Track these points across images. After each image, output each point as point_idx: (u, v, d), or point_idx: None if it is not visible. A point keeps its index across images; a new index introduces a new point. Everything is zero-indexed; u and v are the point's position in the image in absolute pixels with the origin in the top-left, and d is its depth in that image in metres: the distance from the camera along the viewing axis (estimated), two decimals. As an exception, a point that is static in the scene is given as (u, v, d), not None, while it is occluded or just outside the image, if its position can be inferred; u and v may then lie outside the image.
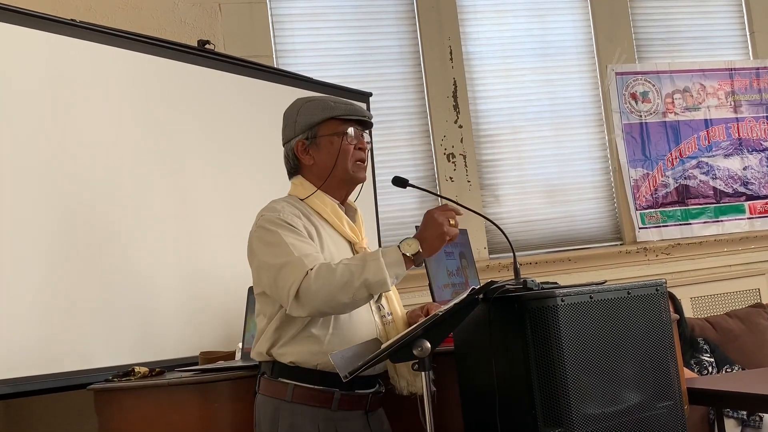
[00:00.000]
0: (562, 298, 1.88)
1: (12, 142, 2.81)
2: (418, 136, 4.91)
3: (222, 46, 4.37)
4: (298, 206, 2.19)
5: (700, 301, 5.07)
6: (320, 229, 2.17)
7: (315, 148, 2.22)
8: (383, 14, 4.97)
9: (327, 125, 2.22)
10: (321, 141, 2.21)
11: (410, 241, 2.02)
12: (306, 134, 2.22)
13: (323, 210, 2.20)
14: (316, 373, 2.09)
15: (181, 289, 3.29)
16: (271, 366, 2.14)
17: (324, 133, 2.21)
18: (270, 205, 2.18)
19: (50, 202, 2.90)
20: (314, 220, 2.18)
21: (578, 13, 5.29)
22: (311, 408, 2.08)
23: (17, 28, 2.87)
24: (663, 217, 5.17)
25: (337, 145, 2.20)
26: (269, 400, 2.13)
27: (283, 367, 2.11)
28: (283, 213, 2.12)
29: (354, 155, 2.23)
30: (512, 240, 2.35)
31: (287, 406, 2.09)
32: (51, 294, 2.84)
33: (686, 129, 5.31)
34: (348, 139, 2.22)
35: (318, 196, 2.21)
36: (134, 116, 3.25)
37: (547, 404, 1.85)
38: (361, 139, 2.25)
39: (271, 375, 2.13)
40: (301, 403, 2.08)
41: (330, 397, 2.09)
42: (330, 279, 1.97)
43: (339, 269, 1.98)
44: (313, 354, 2.08)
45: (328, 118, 2.22)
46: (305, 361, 2.09)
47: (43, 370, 2.78)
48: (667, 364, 2.05)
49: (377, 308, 2.22)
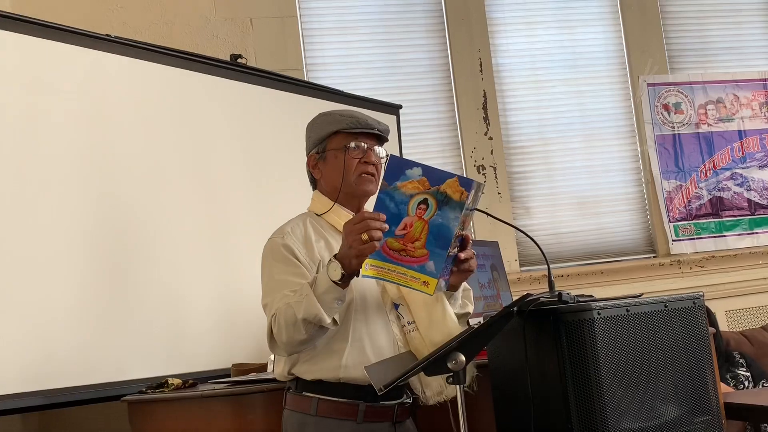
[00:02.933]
0: (598, 311, 1.86)
1: (50, 156, 2.85)
2: (449, 148, 4.91)
3: (254, 60, 4.41)
4: (311, 223, 2.19)
5: (735, 315, 5.00)
6: (333, 242, 2.17)
7: (323, 162, 2.22)
8: (413, 27, 4.98)
9: (335, 139, 2.20)
10: (328, 155, 2.20)
11: (333, 264, 1.94)
12: (317, 148, 2.23)
13: (337, 223, 2.19)
14: (339, 386, 2.09)
15: (214, 302, 3.31)
16: (295, 381, 2.14)
17: (331, 147, 2.20)
18: (280, 228, 2.19)
19: (86, 216, 2.93)
20: (329, 235, 2.18)
21: (609, 24, 5.27)
22: (336, 421, 2.08)
23: (55, 43, 2.92)
24: (697, 230, 5.11)
25: (341, 159, 2.19)
26: (295, 415, 2.12)
27: (307, 382, 2.11)
28: (286, 237, 2.13)
29: (358, 168, 2.20)
30: (545, 253, 2.33)
31: (312, 420, 2.08)
32: (86, 306, 2.87)
33: (720, 140, 5.25)
34: (351, 152, 2.19)
35: (334, 211, 2.21)
36: (168, 130, 3.29)
37: (584, 418, 1.83)
38: (367, 152, 2.23)
39: (295, 390, 2.14)
40: (326, 416, 2.08)
41: (355, 410, 2.08)
42: (283, 322, 1.99)
43: (287, 310, 1.99)
44: (335, 368, 2.08)
45: (335, 132, 2.20)
46: (328, 376, 2.09)
47: (77, 382, 2.80)
48: (705, 378, 2.02)
49: (396, 317, 2.20)
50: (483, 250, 3.07)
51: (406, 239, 1.95)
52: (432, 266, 1.95)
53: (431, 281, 1.96)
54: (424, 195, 1.94)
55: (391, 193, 1.94)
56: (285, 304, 2.00)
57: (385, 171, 1.96)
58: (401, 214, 1.94)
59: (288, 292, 2.04)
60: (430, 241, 1.94)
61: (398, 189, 1.94)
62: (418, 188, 1.94)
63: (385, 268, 1.97)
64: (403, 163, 1.96)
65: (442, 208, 1.93)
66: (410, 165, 1.94)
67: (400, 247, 1.96)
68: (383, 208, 1.93)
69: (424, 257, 1.95)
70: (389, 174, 1.94)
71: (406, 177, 1.94)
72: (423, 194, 1.94)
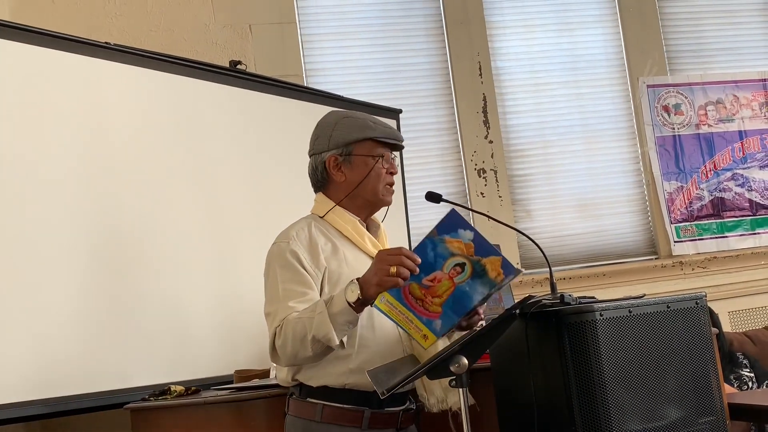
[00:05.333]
0: (600, 312, 1.86)
1: (49, 163, 2.85)
2: (449, 151, 4.91)
3: (253, 66, 4.41)
4: (316, 227, 2.18)
5: (738, 315, 4.99)
6: (340, 247, 2.16)
7: (348, 165, 2.20)
8: (412, 31, 4.98)
9: (363, 145, 2.20)
10: (355, 160, 2.20)
11: (353, 286, 1.94)
12: (341, 150, 2.20)
13: (344, 228, 2.19)
14: (345, 392, 2.08)
15: (215, 308, 3.31)
16: (299, 387, 2.13)
17: (360, 152, 2.19)
18: (285, 231, 2.18)
19: (86, 223, 2.93)
20: (334, 238, 2.17)
21: (608, 26, 5.27)
22: (341, 427, 2.07)
23: (54, 51, 2.92)
24: (698, 231, 5.11)
25: (371, 167, 2.19)
26: (299, 421, 2.11)
27: (312, 388, 2.10)
28: (292, 242, 2.11)
29: (385, 179, 2.22)
30: (546, 255, 2.33)
31: (317, 426, 2.07)
32: (88, 314, 2.87)
33: (720, 141, 5.25)
34: (382, 162, 2.22)
35: (338, 213, 2.20)
36: (168, 137, 3.29)
37: (588, 420, 1.83)
38: (392, 163, 2.25)
39: (299, 396, 2.12)
40: (330, 422, 2.07)
41: (360, 416, 2.08)
42: (290, 335, 1.98)
43: (297, 324, 1.98)
44: (341, 374, 2.07)
45: (367, 138, 2.21)
46: (333, 382, 2.08)
47: (79, 390, 2.80)
48: (709, 379, 2.02)
49: None
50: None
51: (429, 291, 1.98)
52: (439, 325, 1.99)
53: (431, 338, 2.00)
54: (464, 259, 1.96)
55: (436, 243, 1.96)
56: (295, 318, 1.99)
57: (440, 222, 1.98)
58: (435, 267, 1.97)
59: (293, 303, 2.03)
60: (448, 303, 1.98)
61: (444, 242, 1.97)
62: (462, 250, 1.96)
63: (397, 309, 2.00)
64: (460, 222, 1.97)
65: (474, 278, 1.96)
66: (465, 226, 1.97)
67: (420, 296, 1.99)
68: (423, 253, 1.96)
69: (436, 315, 1.99)
70: (443, 226, 1.97)
71: (456, 235, 1.96)
72: (464, 258, 1.96)
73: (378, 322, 2.12)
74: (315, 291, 2.08)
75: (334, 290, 2.06)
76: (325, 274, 2.11)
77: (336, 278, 2.11)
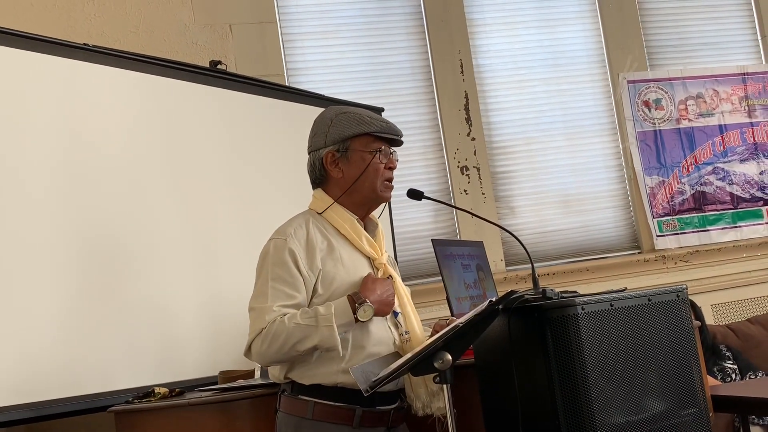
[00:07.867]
0: (582, 306, 1.87)
1: (29, 166, 2.83)
2: (432, 149, 4.91)
3: (234, 66, 4.39)
4: (314, 224, 2.17)
5: (721, 308, 5.02)
6: (336, 246, 2.16)
7: (345, 161, 2.20)
8: (393, 30, 4.98)
9: (360, 140, 2.20)
10: (352, 155, 2.19)
11: (367, 308, 2.04)
12: (337, 146, 2.20)
13: (341, 226, 2.19)
14: (336, 390, 2.09)
15: (199, 310, 3.30)
16: (291, 385, 2.14)
17: (356, 148, 2.19)
18: (283, 227, 2.17)
19: (69, 226, 2.91)
20: (331, 237, 2.17)
21: (588, 23, 5.29)
22: (332, 425, 2.08)
23: (32, 54, 2.89)
24: (680, 225, 5.14)
25: (368, 162, 2.19)
26: (290, 418, 2.12)
27: (304, 386, 2.11)
28: (289, 240, 2.11)
29: (383, 174, 2.22)
30: (529, 251, 2.34)
31: (308, 423, 2.08)
32: (70, 318, 2.85)
33: (701, 135, 5.28)
34: (380, 157, 2.21)
35: (336, 211, 2.19)
36: (149, 138, 3.27)
37: (571, 414, 1.84)
38: (391, 158, 2.25)
39: (291, 392, 2.13)
40: (322, 420, 2.08)
41: (351, 414, 2.08)
42: (283, 337, 2.01)
43: (292, 329, 2.01)
44: (334, 373, 2.08)
45: (363, 134, 2.20)
46: (326, 381, 2.08)
47: (63, 394, 2.78)
48: (691, 371, 2.03)
49: (395, 325, 2.20)
50: (468, 250, 3.07)
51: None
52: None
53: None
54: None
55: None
56: (292, 325, 2.00)
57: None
58: None
59: (279, 306, 2.04)
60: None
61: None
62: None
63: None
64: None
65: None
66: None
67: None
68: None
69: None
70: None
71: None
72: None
73: (371, 323, 2.12)
74: (303, 295, 2.10)
75: (328, 291, 2.09)
76: (318, 276, 2.11)
77: (330, 280, 2.11)
